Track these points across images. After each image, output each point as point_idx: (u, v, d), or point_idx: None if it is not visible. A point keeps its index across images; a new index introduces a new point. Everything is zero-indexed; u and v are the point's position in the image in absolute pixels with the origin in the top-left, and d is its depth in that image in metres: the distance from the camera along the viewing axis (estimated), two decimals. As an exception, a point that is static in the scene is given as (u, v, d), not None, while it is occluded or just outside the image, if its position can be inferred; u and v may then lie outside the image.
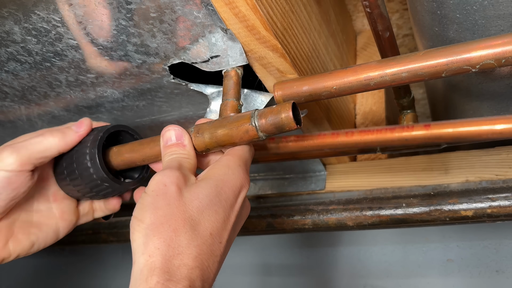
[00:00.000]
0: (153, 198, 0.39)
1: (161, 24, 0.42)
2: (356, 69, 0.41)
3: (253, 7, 0.38)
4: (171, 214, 0.37)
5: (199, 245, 0.37)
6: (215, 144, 0.43)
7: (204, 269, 0.37)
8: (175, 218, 0.37)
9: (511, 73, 0.48)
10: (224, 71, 0.46)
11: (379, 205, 0.61)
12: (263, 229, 0.68)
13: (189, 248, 0.37)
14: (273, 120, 0.39)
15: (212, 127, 0.43)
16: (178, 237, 0.37)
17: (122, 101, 0.55)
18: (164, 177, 0.39)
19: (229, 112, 0.44)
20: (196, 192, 0.39)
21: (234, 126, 0.41)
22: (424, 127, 0.42)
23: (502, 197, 0.55)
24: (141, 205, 0.39)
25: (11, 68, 0.51)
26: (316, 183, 0.70)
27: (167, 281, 0.34)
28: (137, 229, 0.38)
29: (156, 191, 0.39)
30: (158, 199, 0.38)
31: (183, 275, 0.35)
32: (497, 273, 0.71)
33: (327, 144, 0.47)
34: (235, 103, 0.44)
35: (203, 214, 0.39)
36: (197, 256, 0.37)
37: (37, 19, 0.44)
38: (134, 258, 0.37)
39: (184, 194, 0.39)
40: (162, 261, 0.35)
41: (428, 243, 0.76)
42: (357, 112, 0.76)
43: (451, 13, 0.45)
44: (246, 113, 0.41)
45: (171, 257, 0.36)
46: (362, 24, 0.89)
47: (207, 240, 0.38)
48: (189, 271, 0.36)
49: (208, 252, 0.38)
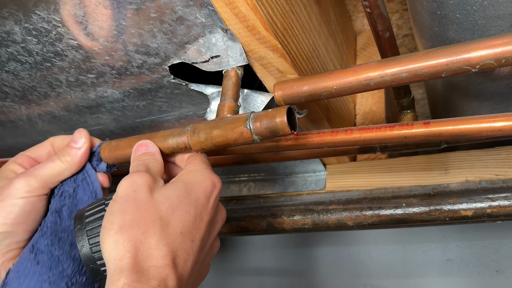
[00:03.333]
0: (121, 204, 0.39)
1: (161, 24, 0.42)
2: (356, 69, 0.41)
3: (253, 7, 0.38)
4: (140, 217, 0.38)
5: (168, 243, 0.38)
6: (210, 145, 0.43)
7: (176, 267, 0.37)
8: (144, 221, 0.38)
9: (511, 73, 0.48)
10: (225, 71, 0.46)
11: (379, 205, 0.61)
12: (263, 229, 0.68)
13: (158, 248, 0.37)
14: (268, 124, 0.39)
15: (208, 127, 0.43)
16: (147, 239, 0.37)
17: (122, 101, 0.55)
18: (132, 184, 0.40)
19: (226, 113, 0.44)
20: (167, 194, 0.40)
21: (229, 127, 0.41)
22: (424, 124, 0.42)
23: (502, 197, 0.55)
24: (109, 213, 0.39)
25: (12, 68, 0.51)
26: (316, 183, 0.70)
27: (134, 281, 0.35)
28: (106, 237, 0.38)
29: (124, 197, 0.39)
30: (126, 205, 0.39)
31: (152, 275, 0.36)
32: (497, 273, 0.71)
33: (327, 142, 0.47)
34: (232, 104, 0.44)
35: (174, 214, 0.39)
36: (167, 255, 0.37)
37: (38, 19, 0.44)
38: (107, 266, 0.37)
39: (154, 195, 0.40)
40: (131, 263, 0.36)
41: (428, 243, 0.76)
42: (357, 112, 0.76)
43: (451, 13, 0.45)
44: (241, 115, 0.41)
45: (140, 259, 0.36)
46: (362, 24, 0.89)
47: (177, 239, 0.38)
48: (158, 270, 0.36)
49: (179, 250, 0.38)
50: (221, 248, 0.94)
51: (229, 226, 0.70)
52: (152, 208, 0.39)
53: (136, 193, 0.39)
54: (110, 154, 0.49)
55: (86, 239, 0.42)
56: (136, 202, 0.39)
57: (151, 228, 0.38)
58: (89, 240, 0.42)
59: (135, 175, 0.40)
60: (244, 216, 0.69)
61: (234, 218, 0.70)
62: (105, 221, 0.39)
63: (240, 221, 0.69)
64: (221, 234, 0.71)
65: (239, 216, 0.70)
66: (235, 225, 0.70)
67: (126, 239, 0.37)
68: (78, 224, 0.43)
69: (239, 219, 0.69)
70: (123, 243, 0.37)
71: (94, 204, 0.44)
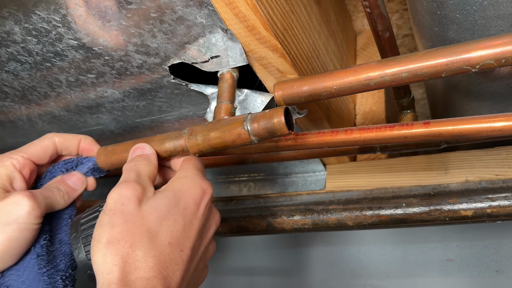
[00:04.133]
0: (110, 217, 0.39)
1: (161, 24, 0.42)
2: (356, 69, 0.41)
3: (253, 7, 0.38)
4: (128, 230, 0.38)
5: (156, 255, 0.38)
6: (208, 147, 0.43)
7: (164, 278, 0.38)
8: (132, 234, 0.38)
9: (511, 73, 0.48)
10: (220, 73, 0.46)
11: (379, 205, 0.61)
12: (263, 229, 0.68)
13: (146, 261, 0.37)
14: (265, 125, 0.39)
15: (205, 129, 0.43)
16: (134, 252, 0.37)
17: (122, 101, 0.55)
18: (121, 197, 0.40)
19: (223, 115, 0.44)
20: (154, 205, 0.40)
21: (227, 129, 0.41)
22: (424, 124, 0.42)
23: (502, 197, 0.55)
24: (99, 225, 0.40)
25: (12, 68, 0.51)
26: (316, 183, 0.70)
27: None
28: (96, 250, 0.38)
29: (113, 210, 0.39)
30: (114, 218, 0.39)
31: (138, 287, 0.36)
32: (497, 273, 0.72)
33: (327, 142, 0.47)
34: (229, 106, 0.44)
35: (162, 225, 0.39)
36: (154, 267, 0.37)
37: (38, 19, 0.44)
38: (97, 278, 0.38)
39: (142, 207, 0.40)
40: (118, 276, 0.36)
41: (428, 243, 0.76)
42: (357, 112, 0.77)
43: (451, 13, 0.45)
44: (239, 116, 0.41)
45: (127, 271, 0.37)
46: (362, 24, 0.89)
47: (164, 250, 0.39)
48: (145, 282, 0.36)
49: (167, 261, 0.38)
50: (221, 248, 0.94)
51: (229, 226, 0.70)
52: (140, 220, 0.39)
53: (124, 206, 0.39)
54: (106, 160, 0.49)
55: (82, 246, 0.43)
56: (124, 215, 0.39)
57: (138, 240, 0.38)
58: (84, 248, 0.43)
59: (123, 187, 0.40)
60: (244, 216, 0.69)
61: (234, 218, 0.70)
62: (95, 233, 0.39)
63: (240, 221, 0.69)
64: (221, 234, 0.71)
65: (239, 216, 0.70)
66: (235, 225, 0.70)
67: (113, 252, 0.37)
68: (73, 232, 0.44)
69: (239, 219, 0.70)
70: (110, 257, 0.37)
71: (89, 211, 0.45)
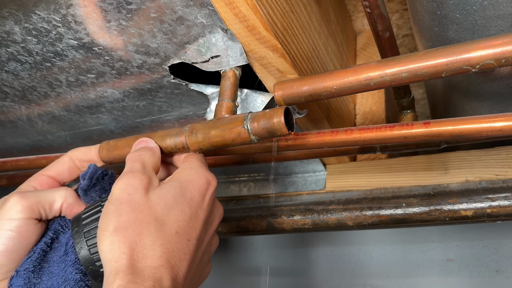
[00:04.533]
0: (116, 206, 0.39)
1: (161, 24, 0.42)
2: (356, 69, 0.41)
3: (253, 7, 0.38)
4: (135, 219, 0.38)
5: (163, 244, 0.38)
6: (208, 145, 0.43)
7: (172, 267, 0.37)
8: (139, 222, 0.38)
9: (511, 73, 0.48)
10: (222, 71, 0.46)
11: (379, 205, 0.61)
12: (263, 229, 0.68)
13: (153, 249, 0.37)
14: (265, 125, 0.39)
15: (206, 127, 0.43)
16: (142, 240, 0.37)
17: (122, 101, 0.55)
18: (127, 186, 0.40)
19: (224, 113, 0.44)
20: (162, 194, 0.40)
21: (227, 128, 0.41)
22: (424, 124, 0.42)
23: (502, 197, 0.55)
24: (105, 214, 0.39)
25: (12, 68, 0.51)
26: (316, 183, 0.70)
27: (129, 282, 0.35)
28: (102, 238, 0.38)
29: (119, 199, 0.39)
30: (121, 207, 0.39)
31: (147, 275, 0.36)
32: (497, 273, 0.71)
33: (326, 142, 0.47)
34: (230, 104, 0.44)
35: (169, 214, 0.39)
36: (162, 255, 0.37)
37: (38, 19, 0.44)
38: (104, 267, 0.37)
39: (150, 197, 0.40)
40: (126, 264, 0.36)
41: (428, 243, 0.76)
42: (357, 112, 0.77)
43: (451, 13, 0.45)
44: (239, 115, 0.41)
45: (135, 260, 0.36)
46: (362, 24, 0.89)
47: (172, 239, 0.38)
48: (153, 271, 0.36)
49: (174, 250, 0.38)
50: (221, 248, 0.94)
51: (229, 226, 0.70)
52: (147, 209, 0.39)
53: (131, 196, 0.39)
54: (108, 154, 0.49)
55: (84, 240, 0.42)
56: (131, 204, 0.39)
57: (146, 229, 0.38)
58: (87, 242, 0.42)
59: (130, 177, 0.40)
60: (244, 216, 0.69)
61: (234, 218, 0.70)
62: (101, 222, 0.39)
63: (240, 221, 0.69)
64: (221, 234, 0.71)
65: (239, 216, 0.70)
66: (235, 225, 0.70)
67: (121, 240, 0.37)
68: (75, 227, 0.43)
69: (239, 219, 0.69)
70: (118, 244, 0.37)
71: (91, 206, 0.44)
